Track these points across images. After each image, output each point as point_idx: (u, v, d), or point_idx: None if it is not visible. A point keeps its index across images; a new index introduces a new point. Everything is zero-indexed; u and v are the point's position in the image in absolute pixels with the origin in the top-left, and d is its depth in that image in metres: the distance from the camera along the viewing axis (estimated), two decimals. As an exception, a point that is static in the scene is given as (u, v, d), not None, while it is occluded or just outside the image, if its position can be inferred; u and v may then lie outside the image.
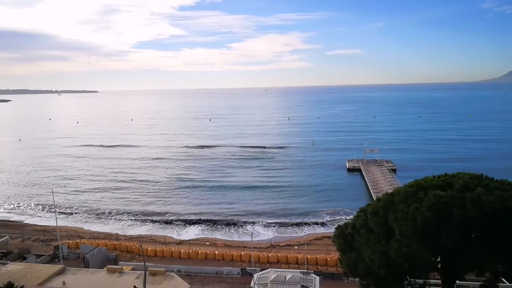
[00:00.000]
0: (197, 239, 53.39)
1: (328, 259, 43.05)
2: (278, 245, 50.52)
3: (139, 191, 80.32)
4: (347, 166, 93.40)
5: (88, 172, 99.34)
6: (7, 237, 50.68)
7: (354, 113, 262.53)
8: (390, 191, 27.43)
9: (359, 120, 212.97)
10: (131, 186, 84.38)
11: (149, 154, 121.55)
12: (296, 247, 49.23)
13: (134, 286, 30.25)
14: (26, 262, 40.93)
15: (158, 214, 66.03)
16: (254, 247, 45.13)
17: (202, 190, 79.08)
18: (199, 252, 46.38)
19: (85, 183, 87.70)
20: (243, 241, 51.44)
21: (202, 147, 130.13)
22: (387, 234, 22.70)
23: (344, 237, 26.69)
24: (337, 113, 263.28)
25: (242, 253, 45.55)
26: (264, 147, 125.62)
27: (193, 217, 63.35)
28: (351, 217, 29.33)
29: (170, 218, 63.58)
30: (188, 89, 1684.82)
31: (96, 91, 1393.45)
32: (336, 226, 28.93)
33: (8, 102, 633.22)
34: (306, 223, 59.73)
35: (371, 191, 69.79)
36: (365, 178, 79.73)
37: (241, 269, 41.09)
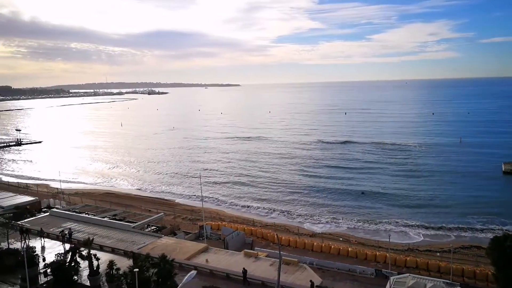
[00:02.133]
0: (330, 234, 52.78)
1: (477, 272, 38.08)
2: (417, 249, 46.74)
3: (273, 182, 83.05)
4: (503, 169, 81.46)
5: (228, 159, 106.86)
6: (162, 213, 57.52)
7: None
8: None
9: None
10: (266, 176, 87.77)
11: (284, 145, 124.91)
12: (438, 253, 44.86)
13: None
14: (176, 238, 45.87)
15: (302, 205, 67.39)
16: (391, 248, 42.56)
17: (335, 185, 77.78)
18: (332, 246, 45.74)
19: (225, 170, 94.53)
20: (378, 240, 49.00)
21: (336, 142, 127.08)
22: None
23: (502, 251, 23.10)
24: (491, 109, 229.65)
25: (377, 253, 43.40)
26: (404, 145, 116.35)
27: (326, 212, 62.99)
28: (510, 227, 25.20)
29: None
30: (324, 82, 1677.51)
31: (238, 85, 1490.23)
32: (492, 237, 25.25)
33: (166, 94, 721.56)
34: (451, 229, 54.11)
35: (536, 199, 59.47)
36: (529, 183, 68.36)
37: (376, 269, 39.11)
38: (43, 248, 41.40)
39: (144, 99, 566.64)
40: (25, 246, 37.80)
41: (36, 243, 41.06)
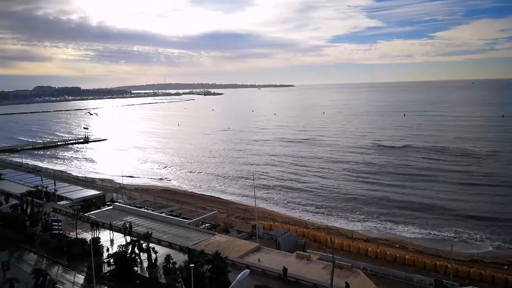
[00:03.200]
0: (386, 239, 51.14)
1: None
2: (482, 261, 43.90)
3: (326, 186, 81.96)
4: None
5: (281, 162, 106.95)
6: (216, 211, 58.79)
7: None
8: None
9: None
10: (319, 180, 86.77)
11: (339, 149, 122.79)
12: (506, 266, 41.93)
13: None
14: (229, 236, 46.74)
15: (347, 207, 66.25)
16: (452, 258, 40.41)
17: (392, 191, 75.05)
18: (388, 253, 44.28)
19: (278, 172, 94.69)
20: (438, 249, 46.66)
21: (394, 147, 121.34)
22: None
23: None
24: None
25: (437, 262, 41.36)
26: (468, 150, 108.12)
27: (382, 217, 61.20)
28: None
29: (357, 215, 62.94)
30: (382, 83, 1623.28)
31: (292, 85, 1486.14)
32: None
33: (221, 95, 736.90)
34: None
35: None
36: None
37: (435, 279, 37.29)
38: (112, 240, 43.92)
39: (200, 99, 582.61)
40: (92, 237, 40.41)
41: (100, 234, 43.67)
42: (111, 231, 46.39)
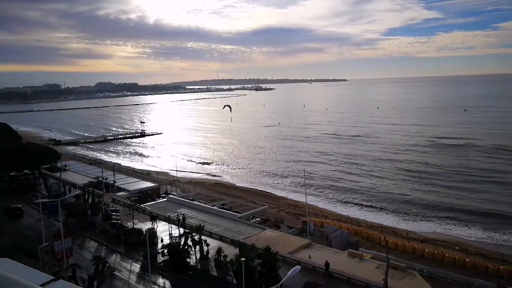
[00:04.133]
0: (444, 240, 48.60)
1: None
2: (552, 268, 40.43)
3: (379, 184, 79.44)
4: None
5: (332, 158, 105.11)
6: (267, 206, 58.96)
7: None
8: None
9: None
10: (372, 177, 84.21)
11: (393, 146, 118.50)
12: None
13: (384, 279, 29.62)
14: (279, 231, 46.64)
15: (402, 206, 63.84)
16: (518, 264, 37.62)
17: (450, 192, 70.94)
18: (446, 255, 42.01)
19: (329, 168, 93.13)
20: (503, 253, 43.62)
21: (453, 145, 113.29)
22: None
23: None
24: None
25: (501, 267, 38.68)
26: None
27: (441, 217, 58.32)
28: None
29: (413, 214, 60.45)
30: (441, 76, 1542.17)
31: (345, 80, 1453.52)
32: None
33: (272, 90, 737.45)
34: None
35: None
36: None
37: (498, 285, 34.91)
38: (166, 232, 45.44)
39: (252, 95, 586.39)
40: (148, 228, 42.02)
41: (155, 225, 45.30)
42: (164, 223, 47.99)
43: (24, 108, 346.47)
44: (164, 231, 44.98)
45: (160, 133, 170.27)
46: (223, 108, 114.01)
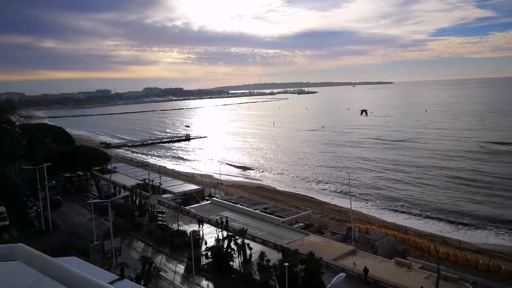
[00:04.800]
0: (500, 252, 45.69)
1: None
2: None
3: (428, 191, 76.06)
4: None
5: (378, 163, 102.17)
6: (310, 211, 58.16)
7: None
8: None
9: None
10: (420, 185, 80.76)
11: (443, 152, 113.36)
12: None
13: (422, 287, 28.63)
14: (323, 237, 45.84)
15: (453, 214, 60.72)
16: None
17: (506, 202, 66.59)
18: (503, 267, 39.41)
19: (374, 174, 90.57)
20: None
21: (508, 152, 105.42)
22: None
23: None
24: None
25: None
26: None
27: (496, 226, 54.98)
28: None
29: (465, 223, 57.36)
30: (495, 78, 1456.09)
31: (391, 82, 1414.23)
32: None
33: (315, 94, 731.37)
34: None
35: None
36: None
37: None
38: (210, 234, 46.00)
39: (294, 98, 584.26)
40: (193, 230, 42.71)
41: (201, 228, 45.95)
42: (207, 225, 48.60)
43: (77, 112, 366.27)
44: (208, 234, 45.51)
45: (204, 137, 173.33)
46: (361, 114, 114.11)
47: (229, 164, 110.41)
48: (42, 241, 41.78)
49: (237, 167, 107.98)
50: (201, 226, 45.52)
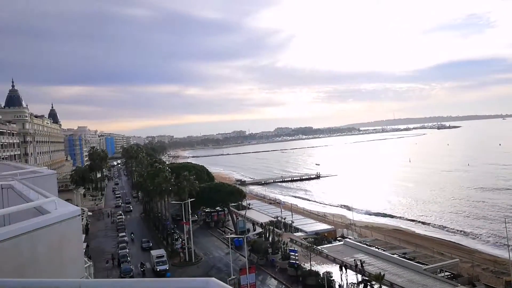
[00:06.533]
0: None
1: None
2: None
3: None
4: None
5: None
6: (457, 259, 51.64)
7: None
8: None
9: None
10: None
11: None
12: None
13: None
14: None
15: None
16: None
17: None
18: None
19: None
20: None
21: None
22: None
23: None
24: None
25: None
26: None
27: None
28: None
29: None
30: None
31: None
32: None
33: (458, 128, 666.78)
34: None
35: None
36: None
37: None
38: (342, 276, 44.31)
39: (433, 134, 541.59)
40: (326, 271, 41.58)
41: (332, 269, 44.48)
42: (342, 267, 46.71)
43: (216, 152, 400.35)
44: (340, 276, 43.67)
45: (335, 175, 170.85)
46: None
47: (361, 203, 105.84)
48: (188, 271, 45.40)
49: (370, 207, 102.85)
50: (344, 270, 43.76)
